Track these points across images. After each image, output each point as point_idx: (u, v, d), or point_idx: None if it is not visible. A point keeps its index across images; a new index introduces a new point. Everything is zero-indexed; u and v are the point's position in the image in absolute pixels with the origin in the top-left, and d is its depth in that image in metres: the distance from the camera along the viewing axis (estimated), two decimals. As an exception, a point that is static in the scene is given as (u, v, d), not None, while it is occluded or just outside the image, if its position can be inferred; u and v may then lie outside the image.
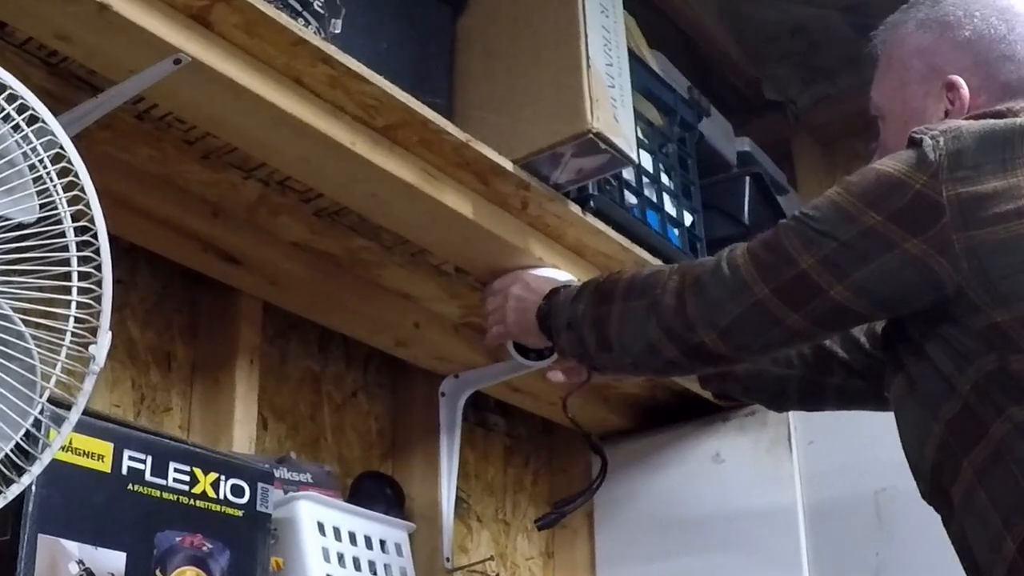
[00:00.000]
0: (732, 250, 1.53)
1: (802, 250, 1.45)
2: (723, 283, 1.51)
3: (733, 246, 1.54)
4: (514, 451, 2.68)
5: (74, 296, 1.16)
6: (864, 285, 1.42)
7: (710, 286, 1.52)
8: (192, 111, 1.63)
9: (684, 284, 1.55)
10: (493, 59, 1.99)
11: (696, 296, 1.53)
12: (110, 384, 1.90)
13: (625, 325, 1.62)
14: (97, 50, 1.47)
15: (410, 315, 2.18)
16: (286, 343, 2.20)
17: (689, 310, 1.53)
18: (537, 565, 2.64)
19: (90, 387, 1.18)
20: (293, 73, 1.59)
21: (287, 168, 1.78)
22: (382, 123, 1.71)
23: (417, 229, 1.93)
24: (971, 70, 1.59)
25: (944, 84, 1.59)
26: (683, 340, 1.55)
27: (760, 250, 1.49)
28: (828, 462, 2.34)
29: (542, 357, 1.98)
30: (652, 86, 2.29)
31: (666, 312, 1.56)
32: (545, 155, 1.87)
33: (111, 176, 1.70)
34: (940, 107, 1.59)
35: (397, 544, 2.02)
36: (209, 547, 1.59)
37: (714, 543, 2.44)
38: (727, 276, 1.50)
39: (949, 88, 1.58)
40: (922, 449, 1.45)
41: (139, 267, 1.97)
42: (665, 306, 1.56)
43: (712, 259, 1.55)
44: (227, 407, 1.97)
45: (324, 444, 2.24)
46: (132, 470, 1.53)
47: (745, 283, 1.48)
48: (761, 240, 1.51)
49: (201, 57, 1.48)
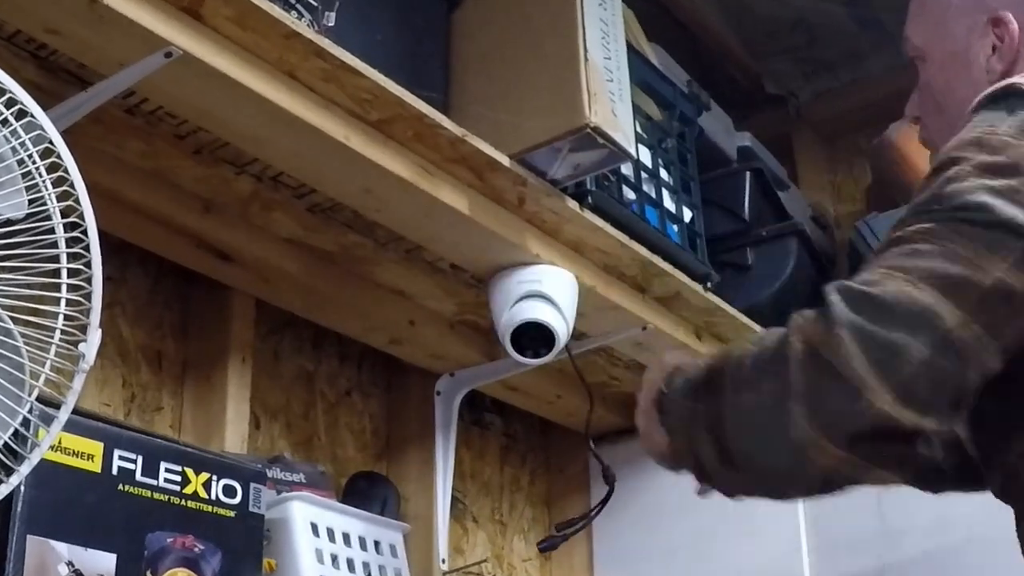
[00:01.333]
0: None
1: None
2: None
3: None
4: (511, 450, 2.68)
5: (63, 293, 1.16)
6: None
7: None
8: (183, 105, 1.63)
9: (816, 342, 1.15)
10: (489, 52, 1.99)
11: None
12: (100, 383, 1.90)
13: (744, 427, 1.23)
14: (87, 43, 1.47)
15: (405, 312, 2.18)
16: (279, 341, 2.21)
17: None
18: (534, 567, 2.64)
19: (80, 386, 1.18)
20: (286, 66, 1.59)
21: (280, 163, 1.78)
22: (376, 117, 1.71)
23: (412, 225, 1.93)
24: (1018, 3, 1.49)
25: (990, 19, 1.49)
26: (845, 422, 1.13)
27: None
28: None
29: (539, 355, 1.98)
30: (651, 80, 2.29)
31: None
32: (542, 150, 1.87)
33: (101, 171, 1.70)
34: (986, 43, 1.49)
35: (392, 545, 2.02)
36: (200, 548, 1.59)
37: (714, 544, 2.44)
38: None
39: (995, 24, 1.49)
40: None
41: (130, 264, 1.97)
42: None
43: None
44: (219, 406, 1.98)
45: (318, 443, 2.24)
46: (122, 470, 1.54)
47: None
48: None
49: (192, 50, 1.48)
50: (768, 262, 2.64)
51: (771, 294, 2.61)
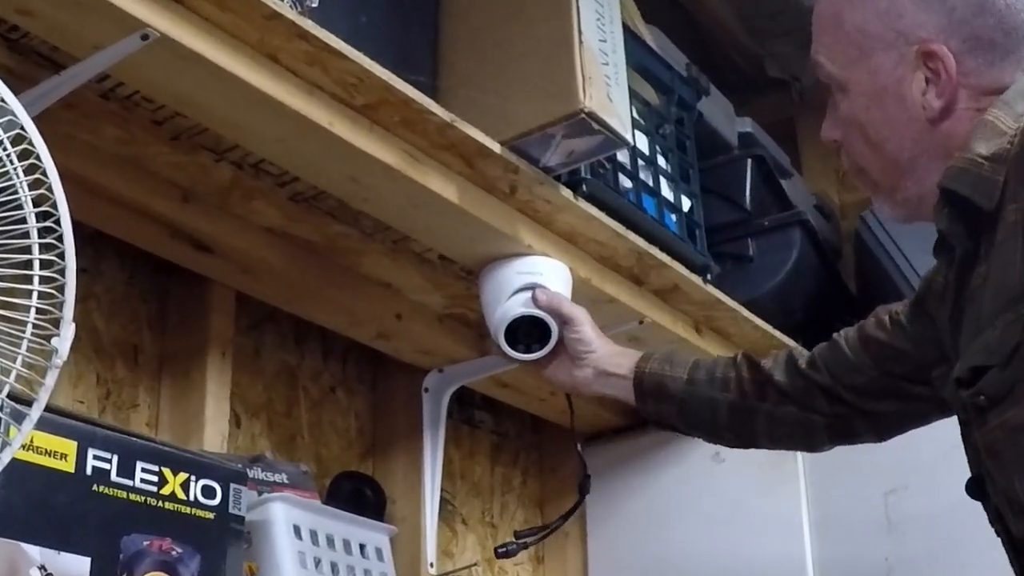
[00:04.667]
0: None
1: None
2: None
3: None
4: (502, 449, 2.69)
5: (35, 286, 1.16)
6: None
7: None
8: (161, 89, 1.63)
9: None
10: (480, 35, 1.99)
11: None
12: (74, 379, 1.90)
13: None
14: (60, 25, 1.47)
15: (392, 306, 2.19)
16: (260, 335, 2.21)
17: None
18: (526, 571, 2.65)
19: (52, 382, 1.18)
20: (268, 49, 1.60)
21: (261, 150, 1.78)
22: (362, 102, 1.71)
23: (399, 215, 1.93)
24: (948, 30, 1.46)
25: (920, 52, 1.46)
26: None
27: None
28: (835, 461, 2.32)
29: (532, 350, 1.98)
30: (648, 63, 2.29)
31: None
32: (535, 136, 1.87)
33: (75, 158, 1.70)
34: (919, 77, 1.46)
35: (378, 548, 2.03)
36: (178, 552, 1.60)
37: (714, 548, 2.45)
38: None
39: (927, 57, 1.46)
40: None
41: (105, 255, 1.97)
42: None
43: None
44: (197, 403, 1.98)
45: (300, 442, 2.25)
46: (97, 470, 1.54)
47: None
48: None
49: (170, 32, 1.48)
50: (770, 253, 2.65)
51: (773, 287, 2.61)
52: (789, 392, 1.82)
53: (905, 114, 1.49)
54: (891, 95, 1.49)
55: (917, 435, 1.80)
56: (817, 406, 1.81)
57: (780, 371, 1.84)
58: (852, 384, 1.77)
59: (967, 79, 1.45)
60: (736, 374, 1.87)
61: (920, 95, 1.47)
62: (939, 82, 1.46)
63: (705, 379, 1.89)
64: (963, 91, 1.46)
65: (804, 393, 1.81)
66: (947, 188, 1.41)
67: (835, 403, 1.79)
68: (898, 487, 2.24)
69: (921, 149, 1.48)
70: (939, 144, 1.46)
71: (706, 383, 1.89)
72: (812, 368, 1.81)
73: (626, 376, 1.94)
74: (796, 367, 1.83)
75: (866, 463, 2.28)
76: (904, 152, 1.50)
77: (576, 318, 1.95)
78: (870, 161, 1.55)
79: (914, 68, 1.47)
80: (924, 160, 1.48)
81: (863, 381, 1.76)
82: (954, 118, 1.46)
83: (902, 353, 1.72)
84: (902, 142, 1.49)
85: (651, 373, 1.92)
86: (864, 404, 1.78)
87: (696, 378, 1.90)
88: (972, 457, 1.42)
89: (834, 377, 1.78)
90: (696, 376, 1.90)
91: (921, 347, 1.67)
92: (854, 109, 1.54)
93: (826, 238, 2.89)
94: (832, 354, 1.80)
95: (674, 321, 2.32)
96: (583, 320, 1.96)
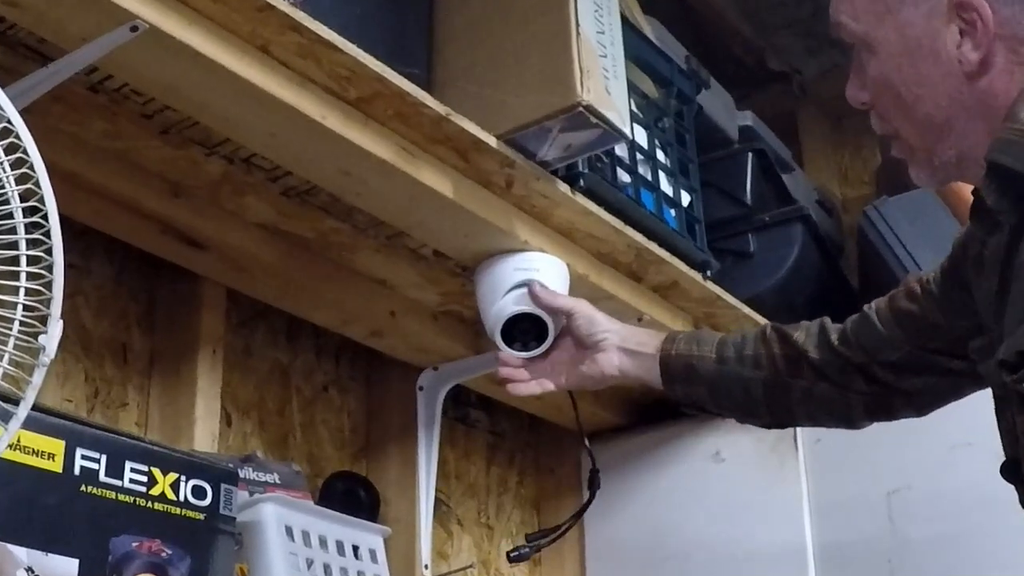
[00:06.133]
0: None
1: None
2: None
3: None
4: (498, 449, 2.69)
5: (23, 282, 1.16)
6: None
7: None
8: (150, 82, 1.63)
9: None
10: (475, 26, 1.99)
11: None
12: (61, 377, 1.90)
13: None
14: (47, 16, 1.47)
15: (385, 303, 2.19)
16: (252, 333, 2.21)
17: None
18: (523, 573, 2.65)
19: (40, 380, 1.18)
20: (259, 41, 1.59)
21: (253, 144, 1.78)
22: (355, 95, 1.71)
23: (393, 210, 1.93)
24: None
25: (953, 2, 1.40)
26: None
27: None
28: (837, 461, 2.35)
29: (529, 347, 1.98)
30: (647, 55, 2.29)
31: None
32: (531, 130, 1.87)
33: (63, 152, 1.70)
34: (953, 30, 1.40)
35: (371, 550, 2.03)
36: (168, 553, 1.60)
37: (714, 549, 2.45)
38: None
39: (961, 7, 1.39)
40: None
41: (93, 251, 1.97)
42: None
43: None
44: (188, 402, 1.98)
45: (293, 442, 2.25)
46: (85, 470, 1.54)
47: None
48: None
49: (160, 24, 1.48)
50: (771, 249, 2.65)
51: (774, 283, 2.61)
52: (824, 370, 1.78)
53: (940, 70, 1.42)
54: (924, 51, 1.43)
55: (918, 432, 1.80)
56: (853, 385, 1.76)
57: (814, 347, 1.79)
58: (887, 360, 1.73)
59: (1003, 29, 1.39)
60: (767, 350, 1.83)
61: (955, 48, 1.40)
62: (975, 34, 1.39)
63: (735, 357, 1.85)
64: (999, 43, 1.39)
65: (839, 372, 1.77)
66: (994, 161, 1.33)
67: (871, 382, 1.75)
68: (901, 487, 2.24)
69: (959, 107, 1.42)
70: (978, 101, 1.41)
71: (736, 361, 1.84)
72: (845, 345, 1.77)
73: (652, 355, 1.90)
74: (829, 344, 1.78)
75: (869, 462, 2.29)
76: (940, 111, 1.43)
77: (579, 308, 1.93)
78: (903, 124, 1.48)
79: (947, 20, 1.40)
80: (963, 119, 1.42)
81: (897, 357, 1.71)
82: (993, 72, 1.39)
83: (936, 327, 1.67)
84: (938, 101, 1.43)
85: (678, 355, 1.88)
86: (900, 381, 1.73)
87: (726, 356, 1.85)
88: (1009, 440, 1.40)
89: (868, 354, 1.74)
90: (725, 354, 1.85)
91: (955, 318, 1.62)
92: (884, 69, 1.48)
93: (828, 233, 2.89)
94: (864, 329, 1.76)
95: (673, 318, 2.32)
96: (587, 307, 1.94)
